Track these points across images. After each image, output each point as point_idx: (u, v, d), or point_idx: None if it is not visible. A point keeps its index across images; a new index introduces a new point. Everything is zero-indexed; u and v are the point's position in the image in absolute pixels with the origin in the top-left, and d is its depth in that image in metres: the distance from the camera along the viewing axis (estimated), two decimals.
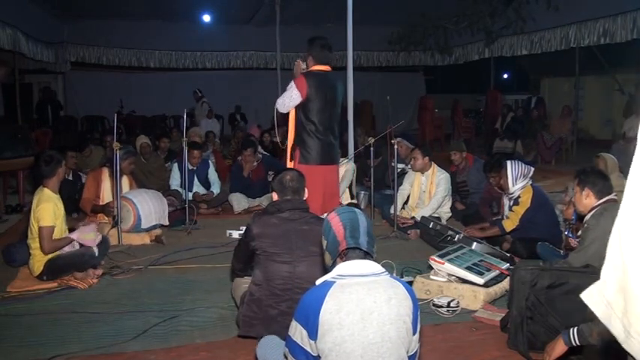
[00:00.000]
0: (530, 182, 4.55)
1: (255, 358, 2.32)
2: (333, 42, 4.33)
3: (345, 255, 1.84)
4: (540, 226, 4.41)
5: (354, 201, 6.28)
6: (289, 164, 4.20)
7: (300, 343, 1.78)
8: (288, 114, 4.24)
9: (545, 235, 4.35)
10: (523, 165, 4.53)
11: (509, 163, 4.55)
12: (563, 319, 2.66)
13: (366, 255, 1.85)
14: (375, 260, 1.86)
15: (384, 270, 1.84)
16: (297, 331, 1.79)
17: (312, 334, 1.74)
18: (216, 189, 6.56)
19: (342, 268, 1.82)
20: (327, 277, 1.83)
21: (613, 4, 8.50)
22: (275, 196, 2.88)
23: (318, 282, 1.84)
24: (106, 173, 5.25)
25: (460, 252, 3.80)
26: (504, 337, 2.92)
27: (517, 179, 4.47)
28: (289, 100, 4.09)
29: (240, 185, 6.67)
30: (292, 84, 4.09)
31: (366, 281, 1.78)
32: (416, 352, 1.89)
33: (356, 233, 1.85)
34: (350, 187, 6.23)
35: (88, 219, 5.18)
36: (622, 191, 1.07)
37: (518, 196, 4.49)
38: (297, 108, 4.14)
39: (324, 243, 1.93)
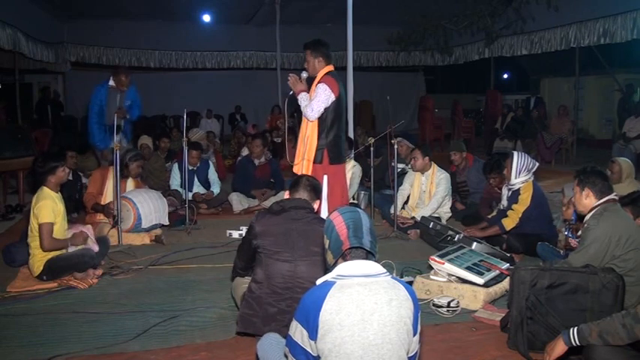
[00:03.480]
0: (532, 178, 4.56)
1: (255, 357, 2.32)
2: (333, 42, 4.35)
3: (348, 255, 1.84)
4: (534, 222, 4.45)
5: (354, 201, 6.28)
6: (308, 166, 4.10)
7: (301, 343, 1.78)
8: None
9: (539, 230, 4.41)
10: (529, 159, 4.55)
11: (515, 154, 4.58)
12: (563, 319, 2.67)
13: (369, 255, 1.85)
14: (376, 260, 1.86)
15: (384, 271, 1.84)
16: (298, 331, 1.79)
17: (312, 334, 1.74)
18: (216, 189, 6.55)
19: (343, 268, 1.81)
20: (328, 277, 1.82)
21: (613, 4, 8.50)
22: (286, 195, 2.91)
23: (318, 282, 1.84)
24: (112, 172, 5.22)
25: (460, 252, 3.80)
26: (504, 337, 2.92)
27: (521, 172, 4.49)
28: (324, 103, 4.01)
29: (244, 178, 6.62)
30: (324, 87, 4.01)
31: (367, 282, 1.77)
32: (416, 353, 1.88)
33: (359, 233, 1.85)
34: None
35: (87, 217, 5.18)
36: None
37: (519, 192, 4.51)
38: (325, 109, 4.07)
39: (327, 242, 1.92)
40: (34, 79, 15.00)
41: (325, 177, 4.08)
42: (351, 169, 6.10)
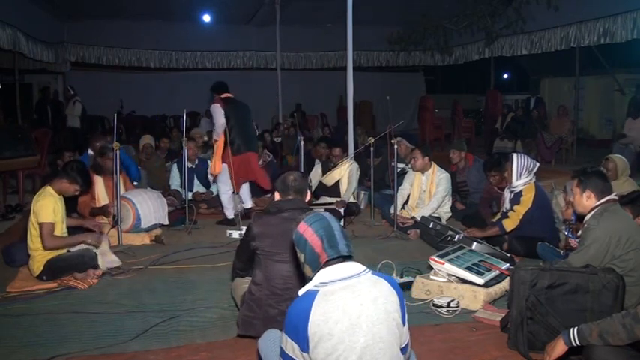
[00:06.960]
0: (534, 180, 4.55)
1: (257, 356, 2.32)
2: (333, 42, 4.39)
3: (327, 266, 1.82)
4: (537, 225, 4.44)
5: (355, 200, 6.28)
6: (217, 158, 5.56)
7: (293, 356, 1.77)
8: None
9: (542, 233, 4.38)
10: (529, 160, 4.53)
11: (515, 156, 4.56)
12: (563, 319, 2.67)
13: (346, 258, 1.83)
14: (370, 260, 1.84)
15: (365, 268, 1.82)
16: (289, 345, 1.77)
17: (304, 346, 1.73)
18: (215, 188, 6.53)
19: (323, 274, 1.79)
20: (310, 285, 1.80)
21: (613, 4, 8.49)
22: (277, 196, 2.89)
23: (300, 292, 1.81)
24: (94, 176, 5.21)
25: (460, 252, 3.80)
26: (504, 337, 2.92)
27: (521, 174, 4.47)
28: (219, 117, 5.58)
29: None
30: (213, 106, 5.67)
31: (349, 284, 1.76)
32: (408, 343, 1.88)
33: (333, 241, 1.82)
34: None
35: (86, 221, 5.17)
36: None
37: (521, 194, 4.49)
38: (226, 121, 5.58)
39: (301, 256, 1.88)
40: (34, 79, 14.98)
41: (229, 163, 5.53)
42: (348, 166, 6.11)
